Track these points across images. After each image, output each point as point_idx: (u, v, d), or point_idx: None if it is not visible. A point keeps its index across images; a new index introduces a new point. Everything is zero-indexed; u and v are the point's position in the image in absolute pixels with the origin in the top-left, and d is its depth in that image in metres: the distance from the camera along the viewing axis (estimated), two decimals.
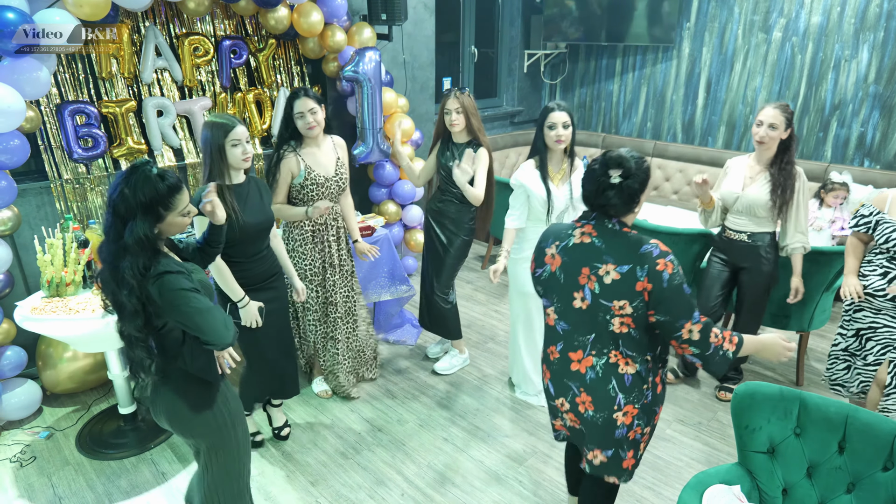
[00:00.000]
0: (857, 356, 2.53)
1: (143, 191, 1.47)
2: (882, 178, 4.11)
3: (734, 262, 2.84)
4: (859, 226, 2.44)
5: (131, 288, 1.47)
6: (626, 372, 1.62)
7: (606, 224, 1.61)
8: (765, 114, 2.59)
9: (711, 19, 4.87)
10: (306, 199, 2.66)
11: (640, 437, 1.71)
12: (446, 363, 3.27)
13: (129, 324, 1.52)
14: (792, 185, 2.61)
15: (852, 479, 1.62)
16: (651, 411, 1.69)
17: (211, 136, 2.13)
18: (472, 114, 2.82)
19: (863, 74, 4.22)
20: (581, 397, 1.68)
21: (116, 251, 1.48)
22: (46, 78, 2.55)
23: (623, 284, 1.54)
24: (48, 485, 2.44)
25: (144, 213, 1.47)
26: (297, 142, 2.62)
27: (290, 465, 2.57)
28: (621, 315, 1.57)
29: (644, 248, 1.54)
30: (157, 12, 3.19)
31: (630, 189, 1.57)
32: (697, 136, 5.18)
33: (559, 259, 1.66)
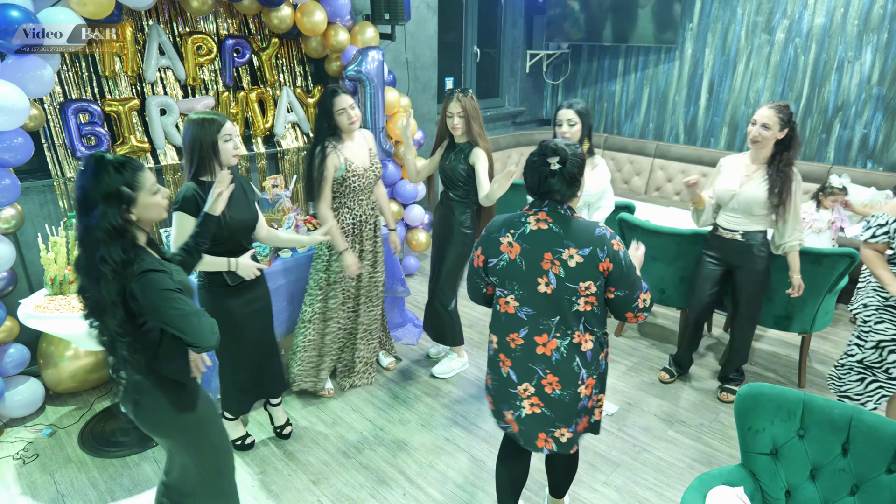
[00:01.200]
0: (876, 368, 2.43)
1: (101, 178, 1.44)
2: (885, 180, 4.10)
3: (727, 260, 2.85)
4: (877, 236, 2.32)
5: (107, 279, 1.44)
6: (587, 348, 1.73)
7: (559, 210, 1.69)
8: (759, 113, 2.60)
9: (714, 20, 4.87)
10: (348, 191, 2.75)
11: (596, 404, 1.86)
12: (444, 367, 3.26)
13: (109, 319, 1.48)
14: (789, 185, 2.60)
15: (856, 482, 1.62)
16: (604, 378, 1.85)
17: (203, 132, 2.10)
18: (473, 117, 2.81)
19: (866, 76, 4.22)
20: (547, 378, 1.75)
21: (90, 244, 1.45)
22: (50, 76, 2.55)
23: (586, 266, 1.64)
24: (51, 482, 2.45)
25: (107, 200, 1.44)
26: (334, 137, 2.69)
27: (292, 464, 2.57)
28: (586, 295, 1.67)
29: (598, 232, 1.65)
30: (160, 11, 3.19)
31: (569, 173, 1.66)
32: (700, 137, 5.18)
33: (518, 246, 1.71)
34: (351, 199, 2.79)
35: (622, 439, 2.74)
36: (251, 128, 3.68)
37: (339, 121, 2.64)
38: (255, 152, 3.69)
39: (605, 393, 1.89)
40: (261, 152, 3.71)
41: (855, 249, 2.82)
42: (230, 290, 2.29)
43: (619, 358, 3.46)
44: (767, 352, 3.56)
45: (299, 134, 3.90)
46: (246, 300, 2.35)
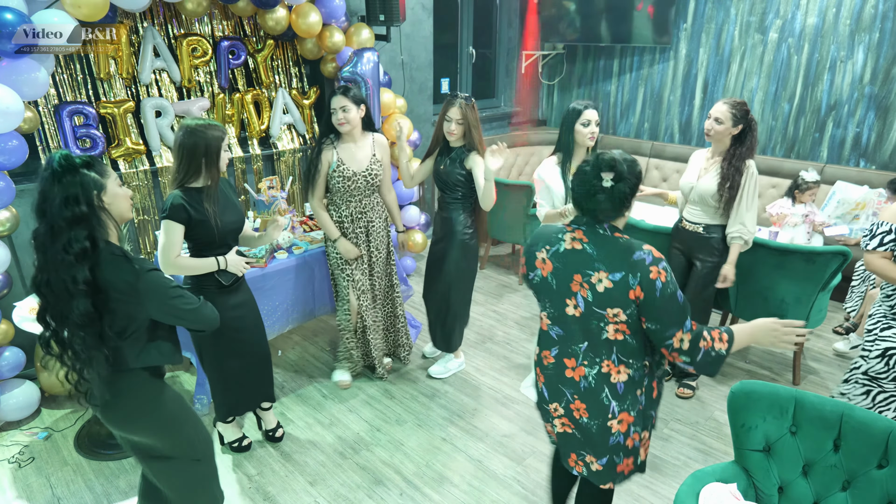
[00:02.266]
0: (882, 379, 2.37)
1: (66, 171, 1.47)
2: (878, 179, 4.13)
3: (688, 252, 2.93)
4: (885, 244, 2.23)
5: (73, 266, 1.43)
6: (619, 380, 1.59)
7: (598, 230, 1.57)
8: (714, 108, 2.70)
9: (708, 20, 4.90)
10: (335, 190, 2.79)
11: (639, 444, 1.68)
12: (441, 367, 3.26)
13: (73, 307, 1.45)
14: (739, 179, 2.67)
15: (847, 477, 1.63)
16: (647, 416, 1.67)
17: (207, 139, 2.08)
18: (473, 126, 2.78)
19: (858, 75, 4.24)
20: (575, 404, 1.65)
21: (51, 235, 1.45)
22: (44, 78, 2.55)
23: (616, 292, 1.50)
24: (47, 485, 2.45)
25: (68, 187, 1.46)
26: (336, 136, 2.75)
27: (289, 465, 2.57)
28: (616, 322, 1.54)
29: (637, 256, 1.50)
30: (155, 13, 3.19)
31: (621, 193, 1.53)
32: (694, 136, 5.20)
33: (550, 264, 1.62)
34: (338, 198, 2.83)
35: None
36: (247, 129, 3.68)
37: (333, 120, 2.68)
38: (250, 154, 3.69)
39: (651, 431, 1.72)
40: (256, 154, 3.71)
41: (846, 247, 2.85)
42: (221, 291, 2.27)
43: None
44: (761, 349, 3.58)
45: (295, 135, 3.91)
46: (233, 304, 2.30)
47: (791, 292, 3.01)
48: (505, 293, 4.32)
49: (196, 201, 2.11)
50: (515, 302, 4.17)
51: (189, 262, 2.16)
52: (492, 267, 4.82)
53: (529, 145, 5.62)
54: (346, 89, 2.65)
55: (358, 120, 2.71)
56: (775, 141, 4.73)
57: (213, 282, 2.24)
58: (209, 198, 2.14)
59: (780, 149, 4.73)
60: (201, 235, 2.16)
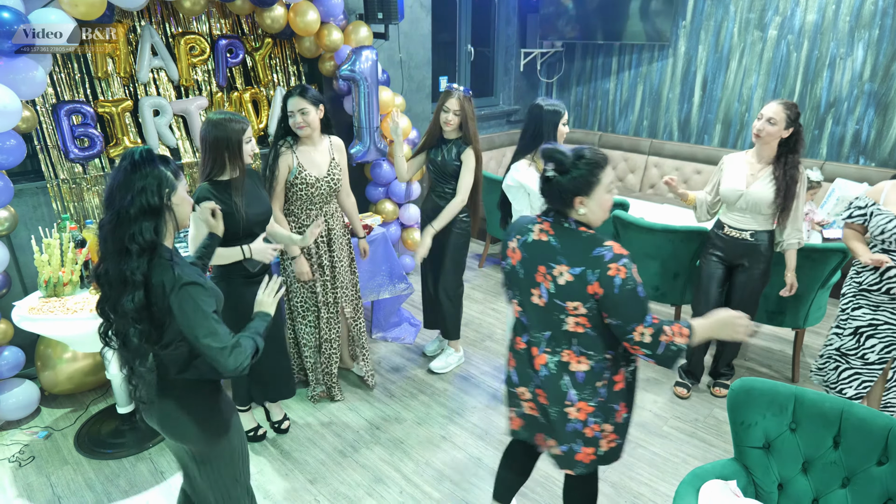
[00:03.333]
0: (851, 356, 2.49)
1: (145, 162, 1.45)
2: (877, 176, 4.13)
3: (730, 259, 2.84)
4: (853, 217, 2.44)
5: (134, 257, 1.42)
6: (579, 370, 1.62)
7: (563, 223, 1.59)
8: (766, 108, 2.58)
9: (707, 17, 4.89)
10: (296, 198, 2.64)
11: (600, 435, 1.68)
12: (441, 362, 3.27)
13: (127, 299, 1.43)
14: (795, 187, 2.60)
15: (847, 474, 1.63)
16: (608, 409, 1.67)
17: (227, 132, 2.10)
18: (469, 118, 2.80)
19: (858, 72, 4.24)
20: (539, 389, 1.71)
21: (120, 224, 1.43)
22: (42, 78, 2.55)
23: (575, 286, 1.52)
24: (47, 484, 2.45)
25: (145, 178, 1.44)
26: (294, 139, 2.61)
27: (289, 463, 2.58)
28: (576, 315, 1.56)
29: (597, 251, 1.51)
30: (152, 11, 3.18)
31: (559, 186, 1.54)
32: (693, 134, 5.19)
33: (519, 254, 1.66)
34: (297, 208, 2.67)
35: None
36: None
37: (291, 123, 2.55)
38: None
39: (617, 425, 1.70)
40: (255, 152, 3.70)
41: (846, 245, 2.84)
42: (249, 279, 2.30)
43: None
44: (761, 347, 3.58)
45: None
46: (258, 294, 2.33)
47: None
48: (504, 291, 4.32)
49: (223, 194, 2.15)
50: None
51: (217, 252, 2.20)
52: (490, 265, 4.81)
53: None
54: (303, 89, 2.50)
55: (318, 122, 2.57)
56: None
57: (240, 270, 2.29)
58: (236, 190, 2.19)
59: None
60: (228, 227, 2.17)
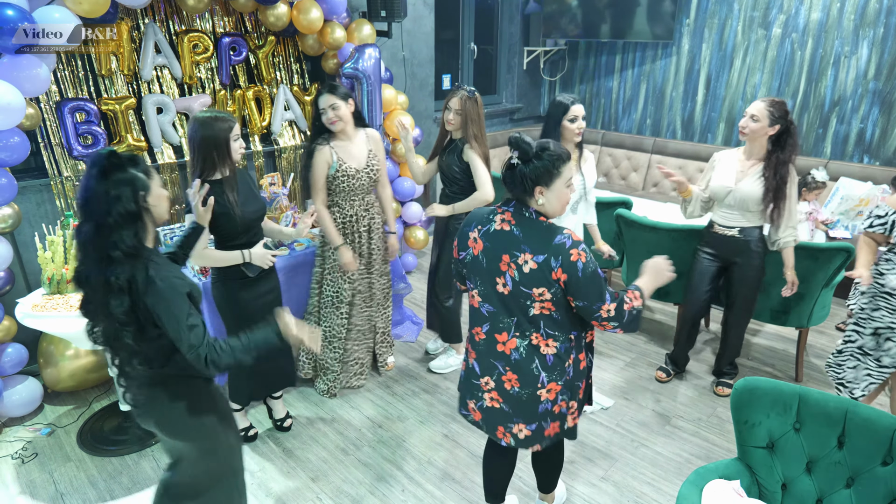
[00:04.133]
0: (870, 356, 2.45)
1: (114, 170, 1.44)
2: (882, 175, 4.11)
3: (724, 256, 2.84)
4: (873, 226, 2.40)
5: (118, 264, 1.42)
6: (548, 353, 1.69)
7: (523, 212, 1.65)
8: (751, 105, 2.60)
9: (711, 16, 4.87)
10: (339, 190, 2.73)
11: (567, 411, 1.80)
12: (442, 362, 3.27)
13: (115, 307, 1.44)
14: (784, 186, 2.58)
15: (851, 474, 1.63)
16: (574, 386, 1.78)
17: (214, 131, 2.12)
18: (472, 119, 2.77)
19: (862, 71, 4.22)
20: (507, 375, 1.74)
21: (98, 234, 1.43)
22: (46, 75, 2.55)
23: (539, 273, 1.59)
24: (50, 481, 2.45)
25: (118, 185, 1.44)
26: (329, 135, 2.68)
27: (291, 461, 2.58)
28: (541, 301, 1.62)
29: (557, 240, 1.58)
30: (156, 9, 3.19)
31: (521, 174, 1.59)
32: (697, 132, 5.18)
33: (481, 243, 1.70)
34: (342, 199, 2.77)
35: (620, 434, 2.75)
36: (248, 126, 3.67)
37: (324, 120, 2.61)
38: (252, 150, 3.69)
39: (580, 400, 1.83)
40: (258, 150, 3.71)
41: (851, 245, 2.83)
42: (246, 282, 2.31)
43: (617, 353, 3.47)
44: (765, 346, 3.57)
45: (296, 132, 3.90)
46: (259, 293, 2.38)
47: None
48: None
49: (217, 193, 2.15)
50: None
51: (215, 255, 2.23)
52: None
53: None
54: (332, 87, 2.59)
55: (349, 116, 2.65)
56: None
57: (238, 274, 2.30)
58: (230, 189, 2.20)
59: None
60: (224, 227, 2.22)
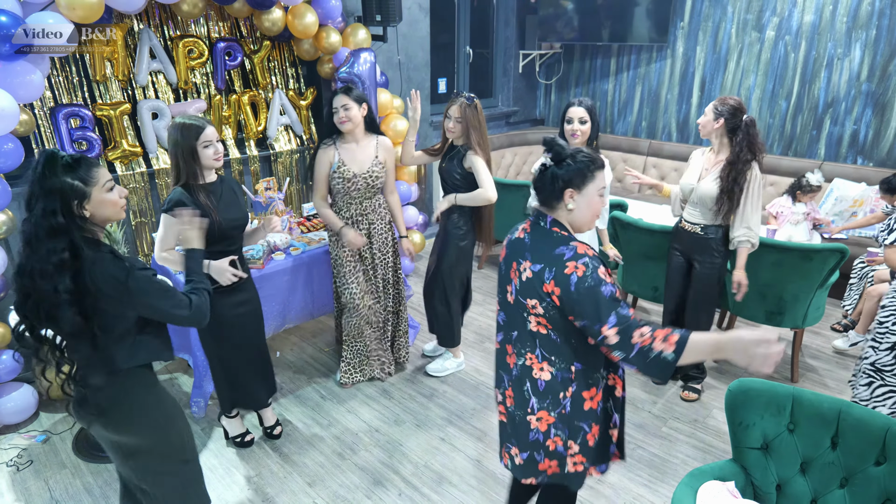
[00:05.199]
0: (887, 373, 2.41)
1: (49, 174, 1.42)
2: (875, 176, 4.13)
3: (688, 253, 2.87)
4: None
5: (56, 275, 1.40)
6: (540, 377, 1.58)
7: (539, 222, 1.59)
8: None
9: (705, 18, 4.90)
10: (335, 191, 2.79)
11: (565, 452, 1.60)
12: (438, 365, 3.26)
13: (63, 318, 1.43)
14: (741, 184, 2.57)
15: (845, 474, 1.63)
16: (574, 426, 1.59)
17: (182, 137, 2.13)
18: (472, 126, 2.78)
19: (855, 72, 4.24)
20: (508, 391, 1.68)
21: (35, 244, 1.42)
22: (40, 81, 2.55)
23: (533, 283, 1.52)
24: (45, 488, 2.44)
25: (51, 195, 1.41)
26: (338, 136, 2.75)
27: (288, 466, 2.57)
28: (535, 315, 1.54)
29: (558, 251, 1.49)
30: (150, 14, 3.19)
31: (553, 175, 1.53)
32: (692, 134, 5.20)
33: (504, 251, 1.68)
34: (339, 199, 2.83)
35: None
36: (244, 131, 3.68)
37: (335, 119, 2.68)
38: (247, 155, 3.69)
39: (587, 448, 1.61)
40: (254, 155, 3.71)
41: (845, 245, 2.84)
42: (219, 291, 2.27)
43: None
44: None
45: (292, 136, 3.90)
46: (234, 302, 2.36)
47: (789, 290, 3.01)
48: None
49: (197, 198, 2.16)
50: None
51: (174, 258, 2.22)
52: (490, 267, 4.81)
53: (527, 145, 5.62)
54: (347, 88, 2.68)
55: (360, 119, 2.71)
56: (773, 139, 4.73)
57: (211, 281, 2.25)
58: (206, 194, 2.19)
59: (777, 146, 4.73)
60: None
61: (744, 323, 3.81)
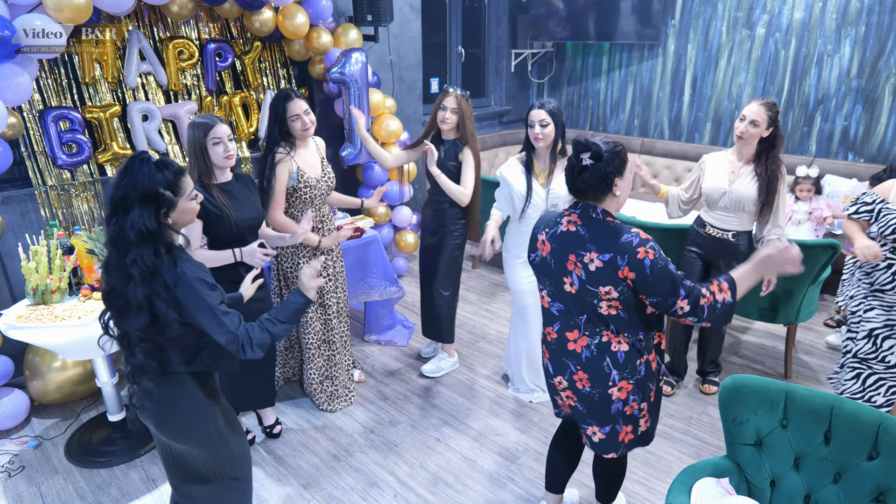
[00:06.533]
0: (871, 360, 2.42)
1: (140, 180, 1.43)
2: (866, 171, 4.15)
3: (709, 256, 2.84)
4: (860, 213, 2.40)
5: (136, 282, 1.43)
6: (619, 349, 1.70)
7: (591, 213, 1.68)
8: (748, 109, 2.55)
9: (696, 16, 4.91)
10: (298, 202, 2.61)
11: (638, 413, 1.78)
12: (433, 365, 3.26)
13: (133, 321, 1.45)
14: (776, 183, 2.58)
15: (838, 470, 1.64)
16: (645, 386, 1.77)
17: (193, 135, 2.18)
18: (467, 117, 2.81)
19: (845, 69, 4.27)
20: (578, 374, 1.77)
21: (122, 246, 1.44)
22: (28, 84, 2.52)
23: (606, 272, 1.61)
24: (37, 494, 2.42)
25: (143, 202, 1.43)
26: (288, 144, 2.54)
27: (282, 468, 2.56)
28: (608, 299, 1.65)
29: (624, 238, 1.60)
30: (140, 16, 3.17)
31: (601, 171, 1.62)
32: (684, 132, 5.21)
33: (549, 245, 1.75)
34: (298, 211, 2.63)
35: None
36: (235, 132, 3.66)
37: (293, 127, 2.49)
38: (239, 157, 3.67)
39: (651, 404, 1.81)
40: (246, 156, 3.69)
41: (836, 241, 2.86)
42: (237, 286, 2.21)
43: None
44: (754, 343, 3.60)
45: None
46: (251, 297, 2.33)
47: (781, 285, 3.02)
48: (497, 292, 4.32)
49: (213, 196, 2.19)
50: (508, 300, 4.16)
51: (205, 254, 2.23)
52: (483, 266, 4.81)
53: (520, 144, 5.62)
54: (294, 91, 2.50)
55: None
56: None
57: (232, 275, 2.26)
58: (226, 193, 2.23)
59: None
60: (218, 230, 2.24)
61: (736, 318, 3.83)
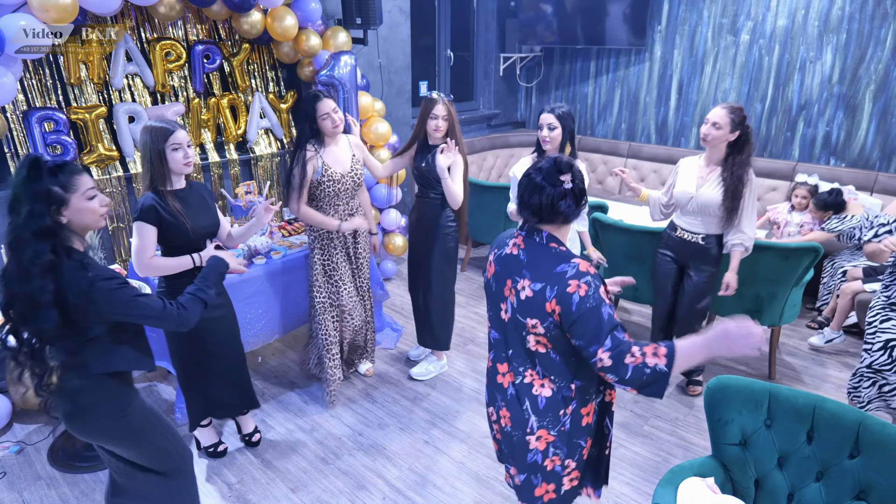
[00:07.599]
0: (886, 371, 2.43)
1: (32, 178, 1.45)
2: (847, 176, 4.24)
3: (681, 260, 2.89)
4: (879, 235, 2.45)
5: (38, 278, 1.43)
6: (541, 394, 1.53)
7: (534, 237, 1.52)
8: (711, 112, 2.61)
9: (682, 22, 4.98)
10: (323, 195, 2.74)
11: (562, 471, 1.58)
12: (423, 368, 3.26)
13: (42, 321, 1.45)
14: (742, 188, 2.60)
15: (821, 468, 1.66)
16: (572, 443, 1.56)
17: (150, 140, 2.08)
18: (455, 122, 2.86)
19: (827, 75, 4.35)
20: (503, 411, 1.62)
21: (19, 247, 1.45)
22: (11, 84, 2.50)
23: (534, 302, 1.45)
24: (19, 500, 2.38)
25: (34, 200, 1.45)
26: (317, 141, 2.71)
27: (270, 472, 2.54)
28: (535, 333, 1.49)
29: (560, 268, 1.43)
30: (127, 17, 3.14)
31: (578, 189, 1.47)
32: (671, 136, 5.28)
33: (493, 267, 1.61)
34: (326, 204, 2.77)
35: None
36: (223, 134, 3.64)
37: (323, 126, 2.65)
38: (227, 159, 3.65)
39: (582, 463, 1.62)
40: (234, 159, 3.67)
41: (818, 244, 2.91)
42: None
43: None
44: None
45: (272, 140, 3.87)
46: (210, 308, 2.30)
47: (765, 289, 3.07)
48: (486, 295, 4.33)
49: (168, 203, 2.12)
50: None
51: (163, 263, 2.15)
52: (473, 269, 4.82)
53: (509, 147, 5.65)
54: (322, 91, 2.68)
55: None
56: None
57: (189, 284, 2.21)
58: (176, 199, 2.15)
59: None
60: (173, 238, 2.16)
61: None
